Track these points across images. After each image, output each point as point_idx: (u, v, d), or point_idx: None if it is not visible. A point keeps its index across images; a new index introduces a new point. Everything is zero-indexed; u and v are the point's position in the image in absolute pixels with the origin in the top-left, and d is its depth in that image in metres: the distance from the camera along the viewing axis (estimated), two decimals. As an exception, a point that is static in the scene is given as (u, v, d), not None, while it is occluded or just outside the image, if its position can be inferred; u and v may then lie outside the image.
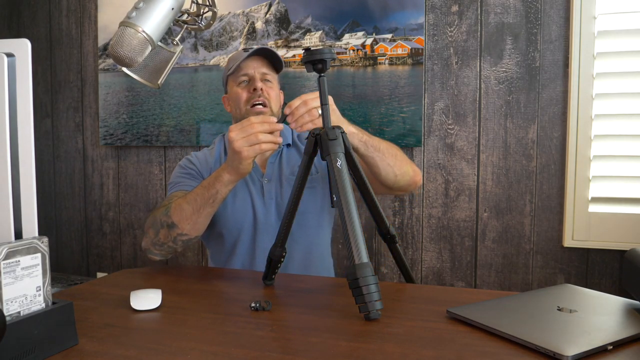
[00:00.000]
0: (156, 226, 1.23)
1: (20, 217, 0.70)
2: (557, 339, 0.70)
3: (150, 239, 1.25)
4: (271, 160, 1.39)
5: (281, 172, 1.37)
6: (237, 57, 1.39)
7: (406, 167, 1.27)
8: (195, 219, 1.18)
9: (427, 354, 0.71)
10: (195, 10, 1.09)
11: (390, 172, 1.23)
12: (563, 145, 1.87)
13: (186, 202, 1.18)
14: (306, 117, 1.07)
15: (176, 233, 1.20)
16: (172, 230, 1.20)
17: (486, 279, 1.99)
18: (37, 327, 0.69)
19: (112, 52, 0.95)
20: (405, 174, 1.26)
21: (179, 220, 1.18)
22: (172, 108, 2.36)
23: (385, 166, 1.21)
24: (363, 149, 1.17)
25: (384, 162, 1.21)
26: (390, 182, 1.25)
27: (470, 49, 1.96)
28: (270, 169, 1.38)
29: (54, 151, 2.63)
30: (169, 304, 0.94)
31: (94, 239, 2.59)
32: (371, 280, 0.82)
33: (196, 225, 1.19)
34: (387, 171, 1.22)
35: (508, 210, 1.95)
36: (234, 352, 0.73)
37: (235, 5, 2.24)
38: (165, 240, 1.22)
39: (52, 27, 2.60)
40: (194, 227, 1.19)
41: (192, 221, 1.18)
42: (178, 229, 1.19)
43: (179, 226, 1.19)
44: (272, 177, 1.37)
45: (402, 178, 1.26)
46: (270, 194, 1.36)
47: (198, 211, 1.17)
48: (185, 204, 1.18)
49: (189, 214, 1.17)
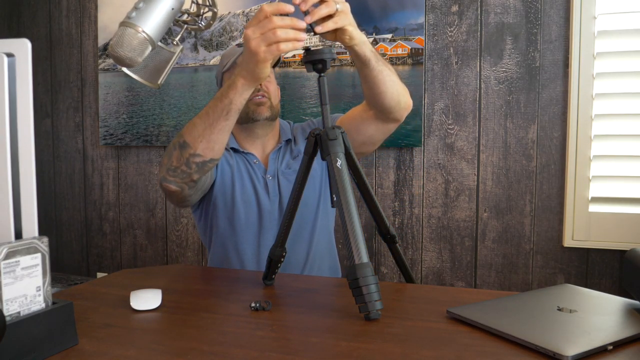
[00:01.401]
0: (170, 150, 1.14)
1: (20, 217, 0.70)
2: (557, 339, 0.70)
3: (164, 167, 1.15)
4: (272, 156, 1.38)
5: (282, 167, 1.38)
6: (231, 54, 1.36)
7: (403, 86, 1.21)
8: (209, 136, 1.07)
9: (427, 354, 0.71)
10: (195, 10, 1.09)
11: (394, 91, 1.16)
12: (563, 145, 1.87)
13: (198, 118, 1.08)
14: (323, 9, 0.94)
15: (189, 153, 1.09)
16: (184, 151, 1.10)
17: (486, 279, 1.99)
18: (37, 327, 0.69)
19: (112, 52, 0.95)
20: (404, 93, 1.21)
21: (191, 138, 1.08)
22: (172, 108, 2.36)
23: (391, 83, 1.14)
24: (374, 60, 1.09)
25: (390, 78, 1.14)
26: (394, 102, 1.18)
27: (470, 49, 1.96)
28: (272, 165, 1.38)
29: (54, 151, 2.63)
30: (169, 304, 0.94)
31: (94, 239, 2.59)
32: (371, 280, 0.82)
33: (210, 143, 1.08)
34: (392, 90, 1.15)
35: (508, 210, 1.95)
36: (234, 352, 0.73)
37: (235, 5, 2.24)
38: (178, 163, 1.11)
39: (52, 27, 2.60)
40: (208, 145, 1.08)
41: (205, 138, 1.07)
42: (191, 148, 1.09)
43: (192, 145, 1.09)
44: (274, 173, 1.37)
45: (403, 98, 1.20)
46: (275, 190, 1.35)
47: (211, 125, 1.06)
48: (197, 120, 1.08)
49: (202, 130, 1.07)
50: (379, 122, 1.26)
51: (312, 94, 2.13)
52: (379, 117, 1.24)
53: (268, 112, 1.34)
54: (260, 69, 0.97)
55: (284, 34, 0.92)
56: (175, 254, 2.43)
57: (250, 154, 1.38)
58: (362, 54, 1.06)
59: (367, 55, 1.07)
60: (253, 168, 1.37)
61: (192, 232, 2.40)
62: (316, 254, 1.36)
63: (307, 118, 2.13)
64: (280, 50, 0.93)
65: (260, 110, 1.33)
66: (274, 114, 1.37)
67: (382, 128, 1.28)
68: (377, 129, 1.28)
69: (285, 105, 2.14)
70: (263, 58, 0.94)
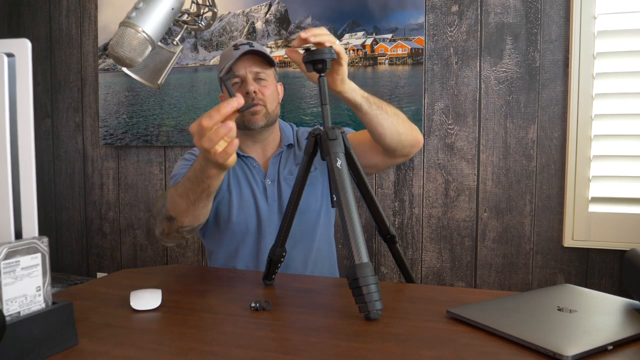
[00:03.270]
0: (160, 217, 1.18)
1: (20, 217, 0.70)
2: (557, 339, 0.70)
3: (157, 231, 1.21)
4: (273, 160, 1.38)
5: (282, 172, 1.37)
6: (227, 56, 1.34)
7: (408, 124, 1.22)
8: (193, 212, 1.11)
9: (427, 354, 0.71)
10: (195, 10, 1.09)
11: (394, 131, 1.17)
12: (563, 145, 1.87)
13: (179, 197, 1.11)
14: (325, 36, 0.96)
15: (177, 226, 1.15)
16: (172, 223, 1.15)
17: (486, 279, 1.99)
18: (37, 327, 0.69)
19: (112, 53, 0.95)
20: (408, 132, 1.21)
21: (176, 214, 1.13)
22: (172, 108, 2.36)
23: (389, 125, 1.15)
24: (367, 105, 1.11)
25: (388, 121, 1.15)
26: (395, 142, 1.19)
27: (470, 49, 1.96)
28: (272, 170, 1.37)
29: (54, 151, 2.63)
30: (169, 304, 0.94)
31: (94, 239, 2.59)
32: (371, 280, 0.82)
33: (195, 216, 1.13)
34: (392, 130, 1.16)
35: (508, 210, 1.95)
36: (234, 352, 0.73)
37: (235, 5, 2.24)
38: (170, 231, 1.17)
39: (52, 27, 2.60)
40: (194, 218, 1.13)
41: (189, 214, 1.12)
42: (177, 222, 1.14)
43: (178, 220, 1.14)
44: (274, 177, 1.36)
45: (407, 137, 1.20)
46: (274, 195, 1.35)
47: (193, 204, 1.10)
48: (178, 199, 1.11)
49: (185, 208, 1.11)
50: (386, 156, 1.26)
51: (312, 94, 2.13)
52: (385, 153, 1.25)
53: (263, 121, 1.32)
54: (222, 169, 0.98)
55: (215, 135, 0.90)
56: (175, 254, 2.43)
57: (250, 157, 1.37)
58: (352, 100, 1.09)
59: (357, 101, 1.10)
60: (252, 172, 1.37)
61: (192, 232, 2.40)
62: (317, 261, 1.36)
63: (307, 118, 2.13)
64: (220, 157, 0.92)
65: (255, 119, 1.31)
66: (271, 120, 1.35)
67: (388, 161, 1.29)
68: (383, 161, 1.28)
69: (285, 105, 2.14)
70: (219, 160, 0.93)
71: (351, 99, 1.09)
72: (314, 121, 2.12)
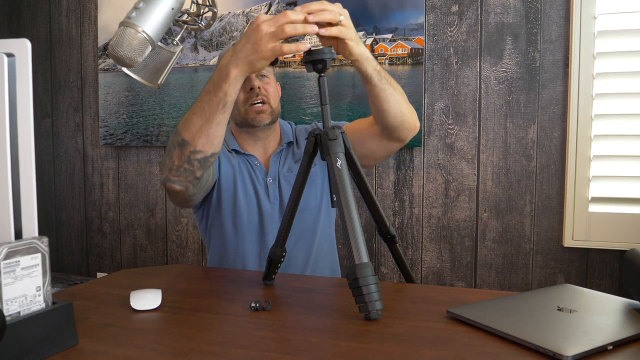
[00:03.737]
0: (169, 149, 1.13)
1: (20, 217, 0.70)
2: (557, 339, 0.70)
3: (167, 167, 1.14)
4: (274, 158, 1.38)
5: (281, 171, 1.37)
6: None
7: (410, 106, 1.21)
8: (207, 130, 1.06)
9: (427, 354, 0.71)
10: (195, 10, 1.09)
11: (398, 110, 1.15)
12: (563, 145, 1.87)
13: (193, 114, 1.06)
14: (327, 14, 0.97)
15: (189, 151, 1.08)
16: (184, 149, 1.08)
17: (486, 279, 1.99)
18: (37, 327, 0.69)
19: (112, 52, 0.95)
20: (410, 114, 1.20)
21: (190, 135, 1.07)
22: (172, 108, 2.36)
23: (394, 102, 1.14)
24: (377, 78, 1.09)
25: (394, 97, 1.13)
26: (397, 122, 1.17)
27: (470, 49, 1.96)
28: (273, 168, 1.37)
29: (54, 151, 2.63)
30: (169, 304, 0.94)
31: (94, 239, 2.59)
32: (371, 280, 0.82)
33: (209, 138, 1.07)
34: (396, 109, 1.15)
35: (508, 210, 1.95)
36: (234, 352, 0.73)
37: (235, 5, 2.24)
38: (180, 162, 1.10)
39: (52, 27, 2.60)
40: (207, 140, 1.07)
41: (203, 133, 1.06)
42: (190, 145, 1.07)
43: (191, 142, 1.07)
44: (275, 176, 1.36)
45: (408, 118, 1.19)
46: (275, 193, 1.35)
47: (209, 120, 1.05)
48: (193, 116, 1.06)
49: (199, 126, 1.05)
50: (383, 139, 1.25)
51: (312, 94, 2.13)
52: (383, 134, 1.24)
53: (269, 119, 1.33)
54: (260, 64, 0.99)
55: (292, 29, 0.95)
56: (176, 254, 2.43)
57: (252, 155, 1.37)
58: (363, 70, 1.07)
59: (368, 72, 1.08)
60: (254, 170, 1.37)
61: (192, 232, 2.40)
62: (317, 259, 1.36)
63: (307, 118, 2.13)
64: (282, 52, 0.97)
65: (260, 117, 1.32)
66: (275, 117, 1.36)
67: (386, 145, 1.27)
68: (380, 145, 1.27)
69: (285, 105, 2.14)
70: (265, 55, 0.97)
71: (362, 69, 1.07)
72: (314, 121, 2.12)
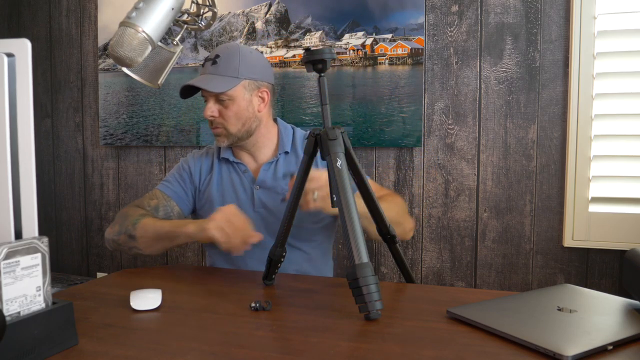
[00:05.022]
0: (122, 228, 1.28)
1: (20, 217, 0.70)
2: (557, 339, 0.70)
3: (113, 233, 1.30)
4: (265, 167, 1.35)
5: (274, 179, 1.34)
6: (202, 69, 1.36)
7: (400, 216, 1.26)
8: (153, 245, 1.26)
9: (427, 354, 0.71)
10: (195, 10, 1.09)
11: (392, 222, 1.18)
12: (563, 145, 1.87)
13: (152, 227, 1.24)
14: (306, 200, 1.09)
15: (133, 245, 1.27)
16: (130, 241, 1.27)
17: (486, 279, 1.99)
18: (37, 327, 0.69)
19: (112, 52, 0.95)
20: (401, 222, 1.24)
21: (142, 242, 1.25)
22: (172, 108, 2.36)
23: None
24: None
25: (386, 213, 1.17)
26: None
27: (470, 49, 1.96)
28: (263, 176, 1.34)
29: (54, 151, 2.63)
30: (169, 304, 0.94)
31: (94, 239, 2.59)
32: (371, 280, 0.82)
33: (151, 248, 1.27)
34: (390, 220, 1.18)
35: (508, 210, 1.95)
36: (234, 352, 0.73)
37: (235, 5, 2.24)
38: (123, 244, 1.29)
39: (52, 27, 2.60)
40: (150, 249, 1.27)
41: (149, 244, 1.26)
42: (136, 242, 1.26)
43: (138, 242, 1.26)
44: (264, 184, 1.34)
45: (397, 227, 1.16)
46: (260, 202, 1.33)
47: (157, 241, 1.24)
48: (151, 228, 1.24)
49: (150, 238, 1.24)
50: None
51: (312, 94, 2.13)
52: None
53: (226, 141, 1.32)
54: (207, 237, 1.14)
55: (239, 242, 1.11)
56: (175, 254, 2.43)
57: (241, 163, 1.37)
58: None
59: None
60: (241, 178, 1.36)
61: (192, 232, 2.40)
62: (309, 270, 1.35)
63: (307, 118, 2.13)
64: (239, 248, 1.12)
65: (218, 140, 1.34)
66: (236, 139, 1.32)
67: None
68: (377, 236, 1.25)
69: (285, 105, 2.14)
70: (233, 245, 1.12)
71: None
72: (314, 121, 2.12)
